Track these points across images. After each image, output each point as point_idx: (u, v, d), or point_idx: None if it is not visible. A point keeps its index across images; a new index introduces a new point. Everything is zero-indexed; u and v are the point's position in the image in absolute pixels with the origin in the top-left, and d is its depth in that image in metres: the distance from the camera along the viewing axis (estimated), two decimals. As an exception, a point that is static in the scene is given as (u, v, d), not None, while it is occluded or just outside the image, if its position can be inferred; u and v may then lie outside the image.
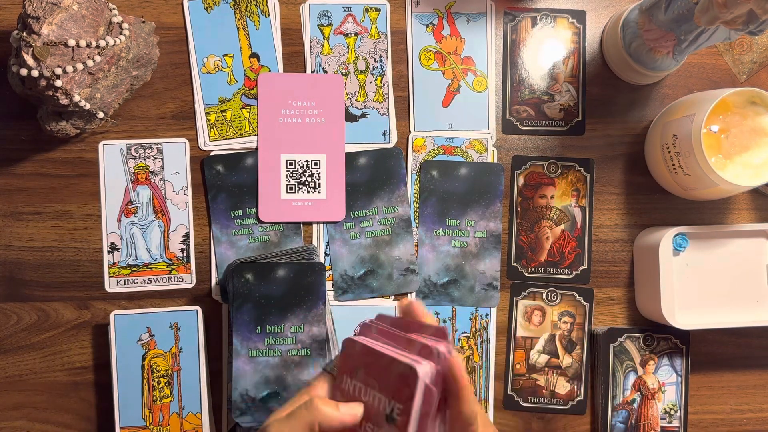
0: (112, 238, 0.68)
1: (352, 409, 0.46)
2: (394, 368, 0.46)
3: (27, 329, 0.68)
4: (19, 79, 0.61)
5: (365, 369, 0.48)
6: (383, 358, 0.47)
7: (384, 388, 0.46)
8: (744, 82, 0.74)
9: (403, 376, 0.45)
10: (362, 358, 0.48)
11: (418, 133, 0.71)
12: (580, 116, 0.73)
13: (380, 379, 0.47)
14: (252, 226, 0.69)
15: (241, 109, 0.70)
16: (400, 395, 0.45)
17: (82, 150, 0.69)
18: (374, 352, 0.47)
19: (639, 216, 0.73)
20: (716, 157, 0.64)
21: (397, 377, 0.45)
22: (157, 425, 0.66)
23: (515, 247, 0.71)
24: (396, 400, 0.45)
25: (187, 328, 0.67)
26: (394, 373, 0.46)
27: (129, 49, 0.64)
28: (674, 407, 0.71)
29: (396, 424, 0.45)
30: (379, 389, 0.46)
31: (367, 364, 0.48)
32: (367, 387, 0.47)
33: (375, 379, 0.47)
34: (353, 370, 0.48)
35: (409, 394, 0.44)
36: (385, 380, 0.46)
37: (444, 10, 0.72)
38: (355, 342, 0.49)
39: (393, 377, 0.46)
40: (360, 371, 0.48)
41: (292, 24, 0.71)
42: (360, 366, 0.48)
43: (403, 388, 0.45)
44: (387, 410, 0.46)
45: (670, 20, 0.62)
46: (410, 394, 0.44)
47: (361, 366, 0.48)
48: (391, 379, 0.46)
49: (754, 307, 0.70)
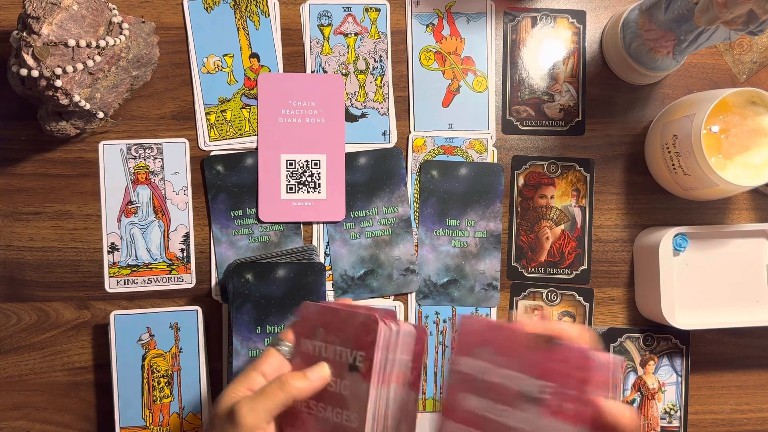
0: (112, 238, 0.68)
1: (319, 371, 0.48)
2: (354, 320, 0.47)
3: (27, 329, 0.68)
4: (19, 79, 0.61)
5: (324, 327, 0.49)
6: (341, 313, 0.48)
7: (345, 341, 0.48)
8: (744, 82, 0.74)
9: (364, 325, 0.47)
10: (320, 317, 0.49)
11: (418, 133, 0.71)
12: (580, 116, 0.73)
13: (340, 333, 0.48)
14: (252, 226, 0.69)
15: (241, 109, 0.70)
16: (361, 343, 0.47)
17: (82, 150, 0.69)
18: (332, 310, 0.49)
19: (639, 216, 0.73)
20: (716, 157, 0.64)
21: (357, 327, 0.47)
22: (157, 425, 0.66)
23: (515, 247, 0.71)
24: (358, 348, 0.47)
25: (187, 328, 0.67)
26: (354, 325, 0.47)
27: (129, 49, 0.64)
28: (674, 407, 0.71)
29: (360, 371, 0.46)
30: (341, 343, 0.48)
31: (326, 322, 0.49)
32: (327, 344, 0.48)
33: (335, 335, 0.48)
34: (311, 331, 0.49)
35: (371, 340, 0.46)
36: (345, 333, 0.48)
37: (444, 10, 0.72)
38: (309, 305, 0.50)
39: (353, 328, 0.47)
40: (319, 331, 0.49)
41: (292, 24, 0.71)
42: (318, 325, 0.49)
43: (364, 336, 0.46)
44: (350, 360, 0.47)
45: (670, 20, 0.62)
46: (372, 340, 0.46)
47: (319, 325, 0.49)
48: (351, 330, 0.47)
49: (754, 307, 0.70)
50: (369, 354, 0.46)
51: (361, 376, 0.46)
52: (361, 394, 0.46)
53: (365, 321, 0.47)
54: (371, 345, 0.46)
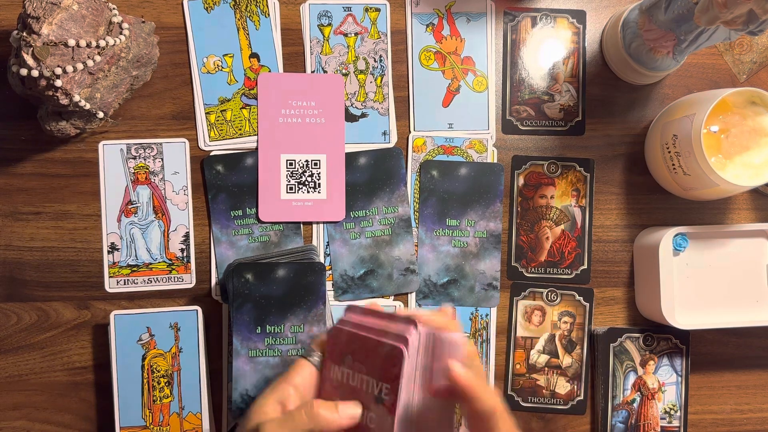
0: (112, 238, 0.68)
1: (351, 409, 0.46)
2: (380, 350, 0.46)
3: (27, 329, 0.68)
4: (19, 79, 0.61)
5: (352, 355, 0.48)
6: (369, 342, 0.47)
7: (371, 370, 0.47)
8: (744, 82, 0.74)
9: (389, 356, 0.46)
10: (349, 344, 0.49)
11: (418, 133, 0.71)
12: (580, 116, 0.73)
13: (368, 362, 0.47)
14: (252, 226, 0.69)
15: (241, 109, 0.70)
16: (387, 376, 0.46)
17: (82, 150, 0.69)
18: (360, 338, 0.48)
19: (639, 216, 0.73)
20: (716, 157, 0.64)
21: (384, 358, 0.46)
22: (157, 425, 0.66)
23: (515, 247, 0.71)
24: (384, 381, 0.46)
25: (187, 328, 0.67)
26: (380, 355, 0.46)
27: (129, 49, 0.64)
28: (674, 407, 0.71)
29: (384, 404, 0.45)
30: (367, 372, 0.47)
31: (354, 350, 0.48)
32: (355, 372, 0.48)
33: (362, 363, 0.47)
34: (341, 358, 0.49)
35: (395, 374, 0.45)
36: (372, 363, 0.47)
37: (444, 10, 0.72)
38: (341, 330, 0.50)
39: (380, 359, 0.46)
40: (347, 357, 0.48)
41: (292, 24, 0.71)
42: (347, 352, 0.49)
43: (390, 368, 0.45)
44: (376, 392, 0.46)
45: (670, 20, 0.62)
46: (396, 374, 0.45)
47: (348, 352, 0.48)
48: (378, 361, 0.46)
49: (754, 307, 0.70)
50: (394, 387, 0.45)
51: (386, 409, 0.45)
52: (386, 428, 0.45)
53: (391, 352, 0.45)
54: (396, 378, 0.45)
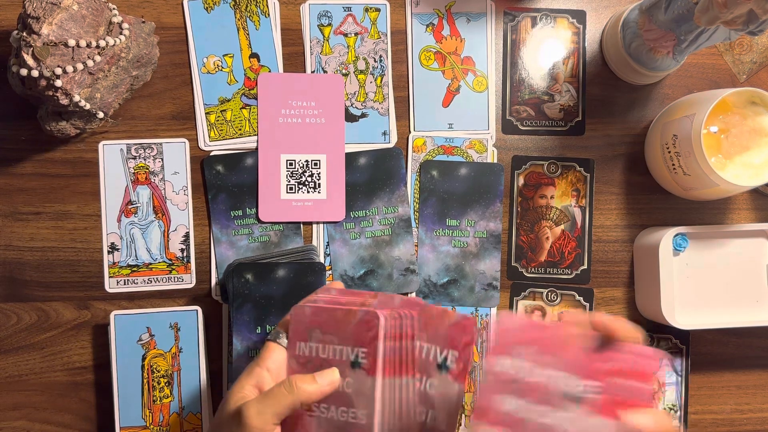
0: (112, 238, 0.68)
1: (329, 376, 0.47)
2: (352, 317, 0.46)
3: (27, 329, 0.68)
4: (19, 79, 0.61)
5: (320, 328, 0.48)
6: (338, 312, 0.47)
7: (344, 339, 0.46)
8: (744, 82, 0.74)
9: (364, 321, 0.45)
10: (315, 318, 0.48)
11: (418, 133, 0.71)
12: (580, 116, 0.73)
13: (338, 332, 0.47)
14: (252, 226, 0.69)
15: (241, 109, 0.70)
16: (362, 339, 0.45)
17: (82, 150, 0.69)
18: (327, 310, 0.48)
19: (639, 216, 0.73)
20: (716, 157, 0.64)
21: (356, 325, 0.46)
22: (157, 425, 0.66)
23: (515, 247, 0.71)
24: (359, 345, 0.46)
25: (187, 328, 0.67)
26: (352, 323, 0.46)
27: (129, 49, 0.64)
28: (674, 407, 0.71)
29: (362, 367, 0.45)
30: (339, 342, 0.47)
31: (321, 323, 0.48)
32: (324, 344, 0.47)
33: (332, 334, 0.47)
34: (306, 334, 0.48)
35: (372, 335, 0.45)
36: (343, 332, 0.47)
37: (444, 10, 0.72)
38: (303, 307, 0.49)
39: (352, 326, 0.46)
40: (314, 332, 0.48)
41: (292, 24, 0.71)
42: (313, 327, 0.48)
43: (365, 332, 0.45)
44: (351, 358, 0.46)
45: (670, 20, 0.62)
46: (374, 335, 0.45)
47: (314, 327, 0.48)
48: (349, 328, 0.46)
49: (754, 307, 0.70)
50: (371, 350, 0.45)
51: (364, 372, 0.45)
52: (366, 390, 0.45)
53: (364, 317, 0.46)
54: (373, 340, 0.45)
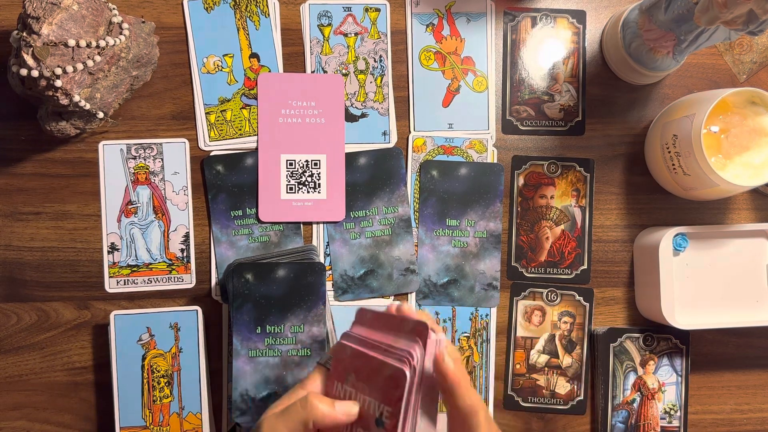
0: (112, 238, 0.68)
1: (348, 407, 0.46)
2: (384, 371, 0.45)
3: (27, 329, 0.68)
4: (19, 79, 0.61)
5: (355, 373, 0.47)
6: (373, 361, 0.46)
7: (373, 391, 0.46)
8: (744, 82, 0.74)
9: (392, 378, 0.44)
10: (352, 362, 0.48)
11: (418, 133, 0.71)
12: (580, 116, 0.73)
13: (370, 382, 0.46)
14: (252, 226, 0.69)
15: (241, 109, 0.70)
16: (389, 398, 0.45)
17: (82, 150, 0.69)
18: (365, 356, 0.47)
19: (639, 216, 0.73)
20: (716, 157, 0.64)
21: (386, 380, 0.45)
22: (157, 425, 0.66)
23: (515, 247, 0.71)
24: (385, 403, 0.45)
25: (187, 328, 0.67)
26: (383, 376, 0.45)
27: (129, 49, 0.64)
28: (674, 407, 0.71)
29: (385, 427, 0.44)
30: (369, 393, 0.46)
31: (357, 368, 0.47)
32: (357, 392, 0.47)
33: (365, 383, 0.46)
34: (344, 376, 0.48)
35: (397, 397, 0.44)
36: (374, 383, 0.46)
37: (444, 10, 0.72)
38: (345, 346, 0.48)
39: (382, 380, 0.45)
40: (350, 376, 0.47)
41: (292, 24, 0.71)
42: (350, 371, 0.48)
43: (392, 391, 0.44)
44: (377, 414, 0.45)
45: (670, 20, 0.62)
46: (399, 396, 0.44)
47: (351, 371, 0.48)
48: (380, 381, 0.45)
49: (754, 307, 0.70)
50: (395, 411, 0.44)
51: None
52: None
53: (393, 374, 0.44)
54: (398, 401, 0.44)
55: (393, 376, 0.44)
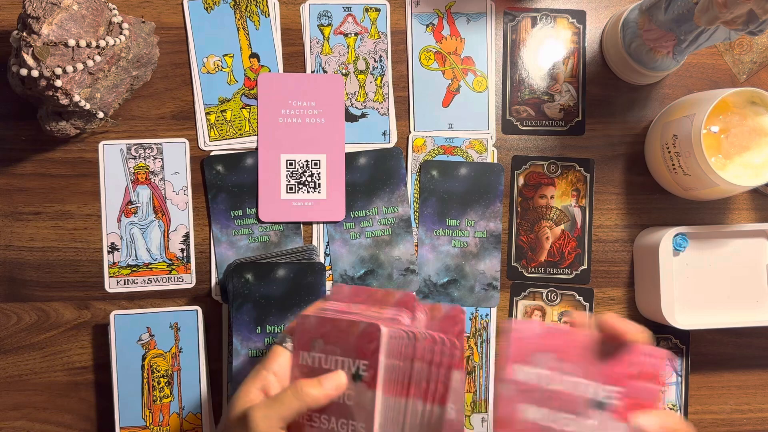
0: (112, 238, 0.68)
1: (335, 380, 0.46)
2: (354, 329, 0.45)
3: (27, 329, 0.68)
4: (19, 79, 0.61)
5: (323, 338, 0.47)
6: (341, 323, 0.46)
7: (346, 350, 0.46)
8: (744, 82, 0.74)
9: (365, 333, 0.45)
10: (318, 329, 0.48)
11: (418, 133, 0.71)
12: (580, 116, 0.73)
13: (341, 343, 0.46)
14: (252, 226, 0.69)
15: (241, 109, 0.70)
16: (364, 352, 0.45)
17: (82, 150, 0.69)
18: (331, 321, 0.47)
19: (639, 216, 0.73)
20: (716, 157, 0.64)
21: (358, 336, 0.45)
22: (157, 425, 0.66)
23: (515, 247, 0.71)
24: (360, 357, 0.45)
25: (187, 328, 0.67)
26: (354, 334, 0.45)
27: (129, 49, 0.64)
28: (674, 407, 0.71)
29: (363, 379, 0.45)
30: (341, 353, 0.46)
31: (325, 333, 0.47)
32: (327, 355, 0.47)
33: (335, 345, 0.46)
34: (309, 344, 0.48)
35: (374, 348, 0.44)
36: (346, 343, 0.46)
37: (444, 10, 0.72)
38: (307, 317, 0.49)
39: (354, 338, 0.45)
40: (317, 342, 0.47)
41: (292, 24, 0.71)
42: (316, 337, 0.48)
43: (367, 344, 0.45)
44: (353, 370, 0.45)
45: (670, 20, 0.62)
46: (375, 347, 0.44)
47: (317, 337, 0.47)
48: (352, 340, 0.45)
49: (754, 307, 0.70)
50: (373, 362, 0.44)
51: (365, 385, 0.45)
52: (366, 403, 0.45)
53: (366, 329, 0.45)
54: (374, 352, 0.44)
55: (366, 331, 0.45)
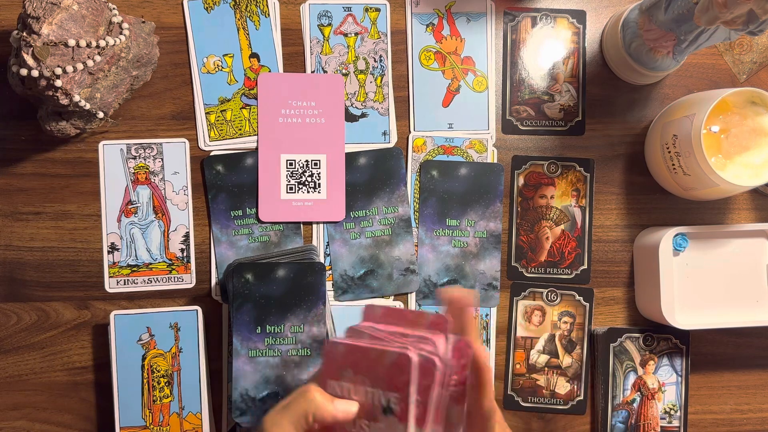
0: (112, 238, 0.68)
1: (347, 405, 0.46)
2: (385, 359, 0.44)
3: (27, 329, 0.68)
4: (19, 79, 0.61)
5: (352, 368, 0.46)
6: (371, 353, 0.45)
7: (376, 382, 0.45)
8: (744, 82, 0.74)
9: (396, 365, 0.44)
10: (347, 357, 0.47)
11: (418, 133, 0.71)
12: (580, 116, 0.73)
13: (371, 374, 0.45)
14: (252, 226, 0.69)
15: (241, 109, 0.70)
16: (395, 384, 0.44)
17: (82, 150, 0.69)
18: (360, 349, 0.46)
19: (639, 216, 0.73)
20: (716, 157, 0.64)
21: (389, 368, 0.44)
22: (157, 425, 0.66)
23: (515, 247, 0.71)
24: (391, 390, 0.44)
25: (187, 328, 0.67)
26: (385, 365, 0.44)
27: (129, 49, 0.64)
28: (674, 407, 0.71)
29: (395, 413, 0.44)
30: (371, 384, 0.45)
31: (354, 362, 0.46)
32: (356, 385, 0.46)
33: (365, 375, 0.46)
34: (338, 373, 0.47)
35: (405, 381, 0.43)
36: (376, 374, 0.45)
37: (444, 10, 0.72)
38: (336, 344, 0.48)
39: (384, 369, 0.44)
40: (346, 372, 0.47)
41: (292, 24, 0.71)
42: (346, 366, 0.47)
43: (398, 376, 0.44)
44: (383, 403, 0.45)
45: (670, 20, 0.62)
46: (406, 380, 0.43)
47: (347, 366, 0.47)
48: (382, 371, 0.45)
49: (754, 307, 0.70)
50: (404, 395, 0.44)
51: (396, 418, 0.44)
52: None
53: (398, 360, 0.44)
54: (405, 386, 0.43)
55: (396, 362, 0.44)
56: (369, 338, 0.48)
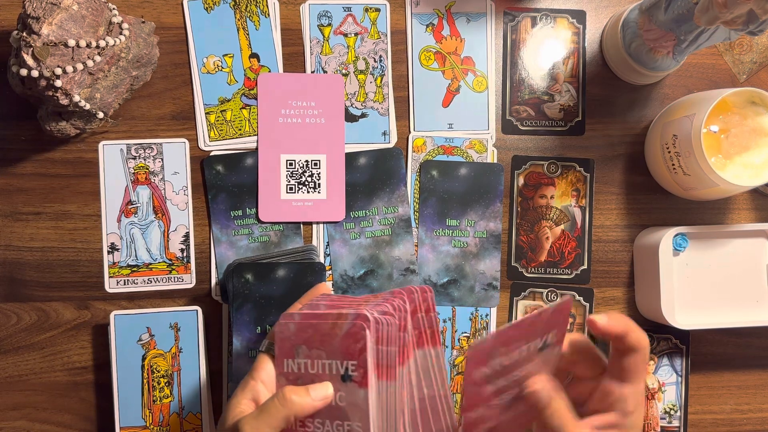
0: (112, 238, 0.68)
1: (323, 390, 0.46)
2: (338, 330, 0.45)
3: (27, 329, 0.68)
4: (19, 79, 0.61)
5: (306, 344, 0.47)
6: (323, 326, 0.46)
7: (332, 353, 0.45)
8: (744, 82, 0.74)
9: (350, 334, 0.44)
10: (299, 335, 0.47)
11: (418, 133, 0.71)
12: (580, 116, 0.73)
13: (325, 346, 0.46)
14: (252, 226, 0.69)
15: (241, 109, 0.70)
16: (351, 352, 0.44)
17: (82, 150, 0.69)
18: (312, 325, 0.46)
19: (639, 216, 0.73)
20: (716, 157, 0.64)
21: (344, 337, 0.45)
22: (157, 425, 0.66)
23: (515, 247, 0.71)
24: (348, 358, 0.45)
25: (187, 328, 0.67)
26: (339, 336, 0.45)
27: (129, 49, 0.64)
28: (674, 407, 0.71)
29: (353, 379, 0.44)
30: (327, 356, 0.46)
31: (307, 338, 0.47)
32: (313, 360, 0.46)
33: (320, 349, 0.46)
34: (292, 351, 0.47)
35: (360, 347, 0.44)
36: (330, 346, 0.45)
37: (444, 10, 0.72)
38: (287, 324, 0.48)
39: (339, 340, 0.45)
40: (300, 349, 0.47)
41: (292, 24, 0.71)
42: (298, 344, 0.47)
43: (353, 344, 0.44)
44: (341, 371, 0.45)
45: (670, 20, 0.62)
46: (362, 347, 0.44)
47: (299, 343, 0.47)
48: (336, 342, 0.45)
49: (754, 307, 0.70)
50: (361, 361, 0.44)
51: (356, 384, 0.45)
52: (360, 402, 0.44)
53: (350, 329, 0.44)
54: (362, 352, 0.44)
55: (350, 332, 0.44)
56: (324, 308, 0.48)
